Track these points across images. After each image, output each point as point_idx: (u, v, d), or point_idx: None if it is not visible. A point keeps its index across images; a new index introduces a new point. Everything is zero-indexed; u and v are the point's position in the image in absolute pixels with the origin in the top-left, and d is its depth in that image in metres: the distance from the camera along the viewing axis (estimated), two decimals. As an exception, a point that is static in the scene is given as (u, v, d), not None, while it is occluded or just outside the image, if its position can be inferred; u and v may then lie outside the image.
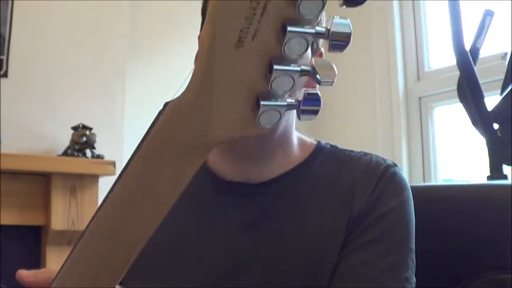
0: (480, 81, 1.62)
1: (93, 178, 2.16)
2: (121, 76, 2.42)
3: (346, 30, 0.42)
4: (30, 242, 2.11)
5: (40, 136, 2.21)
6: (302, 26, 0.41)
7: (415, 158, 2.42)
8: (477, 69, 1.64)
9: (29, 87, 2.23)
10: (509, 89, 1.55)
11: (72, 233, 2.09)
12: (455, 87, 1.75)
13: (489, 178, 1.60)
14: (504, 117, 1.56)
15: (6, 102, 2.14)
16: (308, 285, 0.75)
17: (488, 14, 1.68)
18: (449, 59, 2.16)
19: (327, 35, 0.42)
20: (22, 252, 2.08)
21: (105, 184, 2.17)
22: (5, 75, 2.18)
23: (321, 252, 0.76)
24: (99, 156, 2.19)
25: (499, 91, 1.61)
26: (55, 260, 2.07)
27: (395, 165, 0.82)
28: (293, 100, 0.45)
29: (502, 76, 1.63)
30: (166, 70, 2.67)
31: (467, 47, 1.64)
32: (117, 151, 2.31)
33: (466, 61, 1.62)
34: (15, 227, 2.05)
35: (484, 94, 1.61)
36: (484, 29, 1.68)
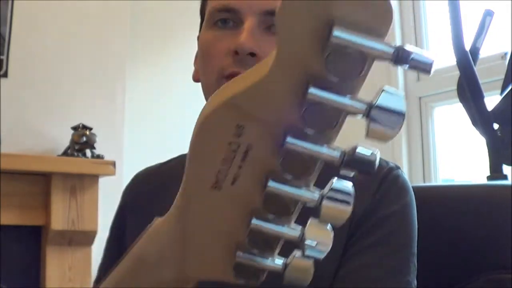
0: (480, 81, 1.62)
1: (93, 178, 2.16)
2: (121, 76, 2.42)
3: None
4: (30, 242, 2.10)
5: (40, 136, 2.21)
6: (285, 183, 0.35)
7: (415, 158, 2.42)
8: (477, 69, 1.64)
9: (29, 87, 2.23)
10: (509, 89, 1.55)
11: (72, 233, 2.09)
12: (455, 87, 1.75)
13: (489, 178, 1.60)
14: (504, 117, 1.56)
15: (6, 102, 2.14)
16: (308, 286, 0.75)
17: (488, 14, 1.68)
18: (449, 59, 2.16)
19: (318, 204, 0.35)
20: (22, 252, 2.08)
21: (105, 184, 2.18)
22: (5, 75, 2.18)
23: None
24: (99, 156, 2.19)
25: (499, 91, 1.60)
26: (55, 260, 2.07)
27: (397, 167, 0.81)
28: (280, 262, 0.38)
29: (502, 76, 1.62)
30: (166, 70, 2.67)
31: (467, 47, 1.64)
32: (117, 151, 2.31)
33: (466, 61, 1.62)
34: (15, 227, 2.05)
35: (484, 94, 1.61)
36: (484, 29, 1.67)
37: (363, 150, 0.34)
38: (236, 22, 0.75)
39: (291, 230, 0.37)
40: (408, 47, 0.32)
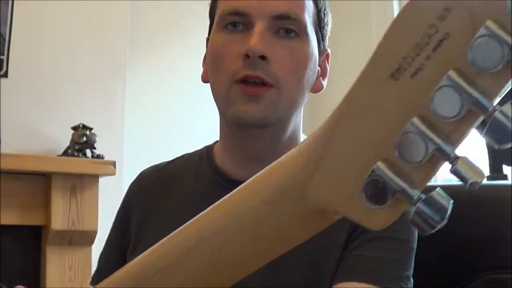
0: (480, 81, 1.62)
1: (93, 178, 2.16)
2: (121, 76, 2.42)
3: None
4: (30, 242, 2.10)
5: (40, 136, 2.21)
6: (467, 83, 0.33)
7: (415, 158, 2.41)
8: (477, 69, 1.64)
9: (29, 87, 2.23)
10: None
11: (72, 233, 2.09)
12: (455, 87, 1.75)
13: (489, 178, 1.60)
14: (504, 117, 1.55)
15: (6, 102, 2.14)
16: (309, 281, 0.76)
17: (488, 14, 1.68)
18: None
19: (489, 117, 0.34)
20: (22, 252, 2.08)
21: (105, 184, 2.18)
22: (5, 75, 2.18)
23: (323, 250, 0.76)
24: (99, 156, 2.20)
25: (499, 91, 1.60)
26: (55, 260, 2.08)
27: None
28: (421, 194, 0.36)
29: (502, 76, 1.62)
30: (166, 70, 2.67)
31: (467, 47, 1.64)
32: (117, 151, 2.31)
33: (466, 61, 1.62)
34: (15, 227, 2.05)
35: (484, 94, 1.61)
36: (484, 29, 1.68)
37: None
38: (246, 26, 0.77)
39: (448, 146, 0.35)
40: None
